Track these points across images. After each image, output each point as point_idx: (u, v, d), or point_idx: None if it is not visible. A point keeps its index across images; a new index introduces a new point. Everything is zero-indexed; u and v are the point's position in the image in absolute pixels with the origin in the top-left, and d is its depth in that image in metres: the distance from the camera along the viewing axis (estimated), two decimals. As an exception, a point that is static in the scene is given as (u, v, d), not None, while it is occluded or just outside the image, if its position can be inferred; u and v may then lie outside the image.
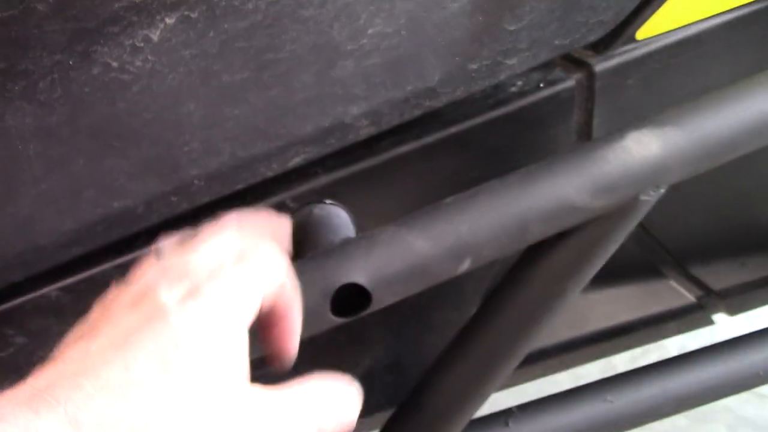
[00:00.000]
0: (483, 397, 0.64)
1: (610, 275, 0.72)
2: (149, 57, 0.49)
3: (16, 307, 0.57)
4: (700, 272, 0.79)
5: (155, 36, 0.48)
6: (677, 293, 0.80)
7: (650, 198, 0.53)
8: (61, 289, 0.57)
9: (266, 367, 0.45)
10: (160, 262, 0.40)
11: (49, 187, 0.51)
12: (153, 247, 0.43)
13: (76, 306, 0.57)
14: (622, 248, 0.58)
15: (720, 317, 0.85)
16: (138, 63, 0.49)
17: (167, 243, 0.43)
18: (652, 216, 0.56)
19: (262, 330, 0.42)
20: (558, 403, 0.70)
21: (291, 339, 0.42)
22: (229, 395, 0.33)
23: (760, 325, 0.78)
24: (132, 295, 0.37)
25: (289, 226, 0.54)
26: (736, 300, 0.81)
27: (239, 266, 0.38)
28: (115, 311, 0.36)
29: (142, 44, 0.48)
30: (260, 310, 0.38)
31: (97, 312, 0.38)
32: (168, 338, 0.32)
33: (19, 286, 0.56)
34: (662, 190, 0.53)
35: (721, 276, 0.80)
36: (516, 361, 0.62)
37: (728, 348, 0.73)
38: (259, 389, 0.35)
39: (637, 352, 1.39)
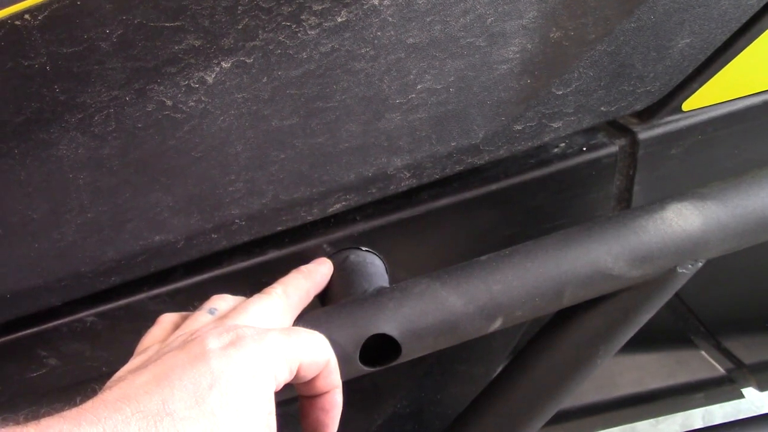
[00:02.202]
0: (504, 456, 0.63)
1: (641, 340, 0.71)
2: (203, 98, 0.50)
3: (52, 329, 0.58)
4: (732, 345, 0.78)
5: (210, 78, 0.49)
6: (707, 364, 0.79)
7: (688, 271, 0.53)
8: (97, 315, 0.58)
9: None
10: (213, 317, 0.44)
11: (95, 217, 0.52)
12: (207, 305, 0.45)
13: (110, 332, 0.59)
14: (656, 315, 0.57)
15: (750, 391, 0.83)
16: (191, 103, 0.50)
17: (220, 302, 0.47)
18: (687, 285, 0.55)
19: (303, 403, 0.45)
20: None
21: (330, 418, 0.45)
22: None
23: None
24: (184, 338, 0.40)
25: (329, 272, 0.56)
26: (768, 376, 0.80)
27: (284, 333, 0.41)
28: (166, 351, 0.39)
29: (197, 85, 0.49)
30: (298, 379, 0.42)
31: (151, 351, 0.42)
32: (205, 379, 0.36)
33: (56, 309, 0.57)
34: (700, 264, 0.53)
35: (753, 350, 0.78)
36: (540, 423, 0.61)
37: (753, 424, 0.71)
38: None
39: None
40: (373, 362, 0.51)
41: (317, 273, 0.55)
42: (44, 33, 0.45)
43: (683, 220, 0.52)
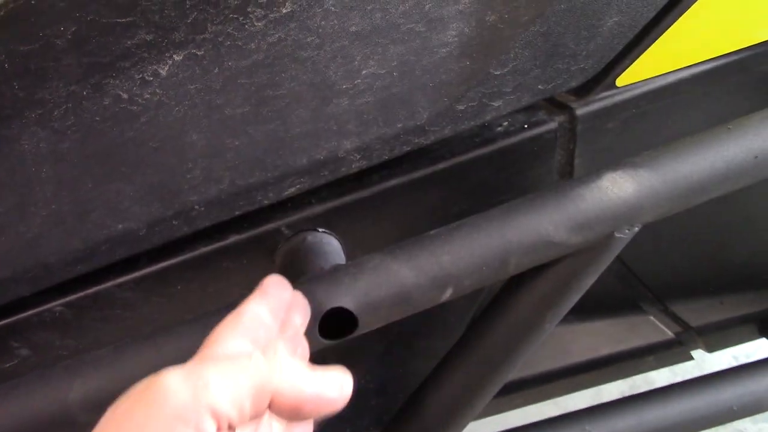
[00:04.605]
0: (464, 423, 0.66)
1: (592, 309, 0.74)
2: (157, 90, 0.52)
3: (22, 320, 0.60)
4: (680, 309, 0.81)
5: (164, 71, 0.52)
6: (657, 328, 0.83)
7: (625, 236, 0.56)
8: (65, 304, 0.60)
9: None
10: None
11: (58, 209, 0.54)
12: None
13: (78, 321, 0.61)
14: (604, 283, 0.61)
15: (699, 353, 0.87)
16: (146, 95, 0.52)
17: None
18: (633, 253, 0.58)
19: None
20: (538, 430, 0.73)
21: None
22: None
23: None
24: None
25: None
26: (714, 337, 0.83)
27: None
28: None
29: (151, 78, 0.52)
30: None
31: None
32: None
33: (25, 300, 0.59)
34: (636, 229, 0.56)
35: (699, 313, 0.82)
36: (496, 388, 0.64)
37: (703, 383, 0.75)
38: None
39: (625, 388, 1.41)
40: (333, 336, 0.53)
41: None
42: (1, 32, 0.47)
43: (618, 188, 0.55)
